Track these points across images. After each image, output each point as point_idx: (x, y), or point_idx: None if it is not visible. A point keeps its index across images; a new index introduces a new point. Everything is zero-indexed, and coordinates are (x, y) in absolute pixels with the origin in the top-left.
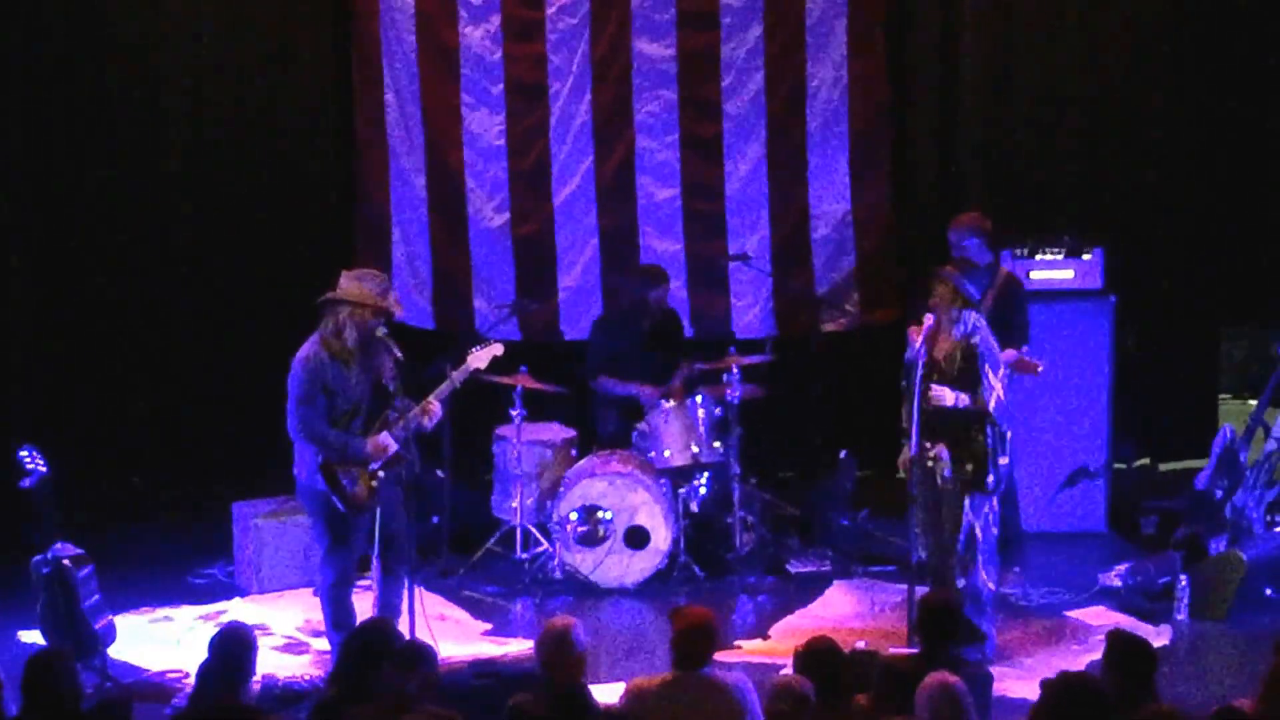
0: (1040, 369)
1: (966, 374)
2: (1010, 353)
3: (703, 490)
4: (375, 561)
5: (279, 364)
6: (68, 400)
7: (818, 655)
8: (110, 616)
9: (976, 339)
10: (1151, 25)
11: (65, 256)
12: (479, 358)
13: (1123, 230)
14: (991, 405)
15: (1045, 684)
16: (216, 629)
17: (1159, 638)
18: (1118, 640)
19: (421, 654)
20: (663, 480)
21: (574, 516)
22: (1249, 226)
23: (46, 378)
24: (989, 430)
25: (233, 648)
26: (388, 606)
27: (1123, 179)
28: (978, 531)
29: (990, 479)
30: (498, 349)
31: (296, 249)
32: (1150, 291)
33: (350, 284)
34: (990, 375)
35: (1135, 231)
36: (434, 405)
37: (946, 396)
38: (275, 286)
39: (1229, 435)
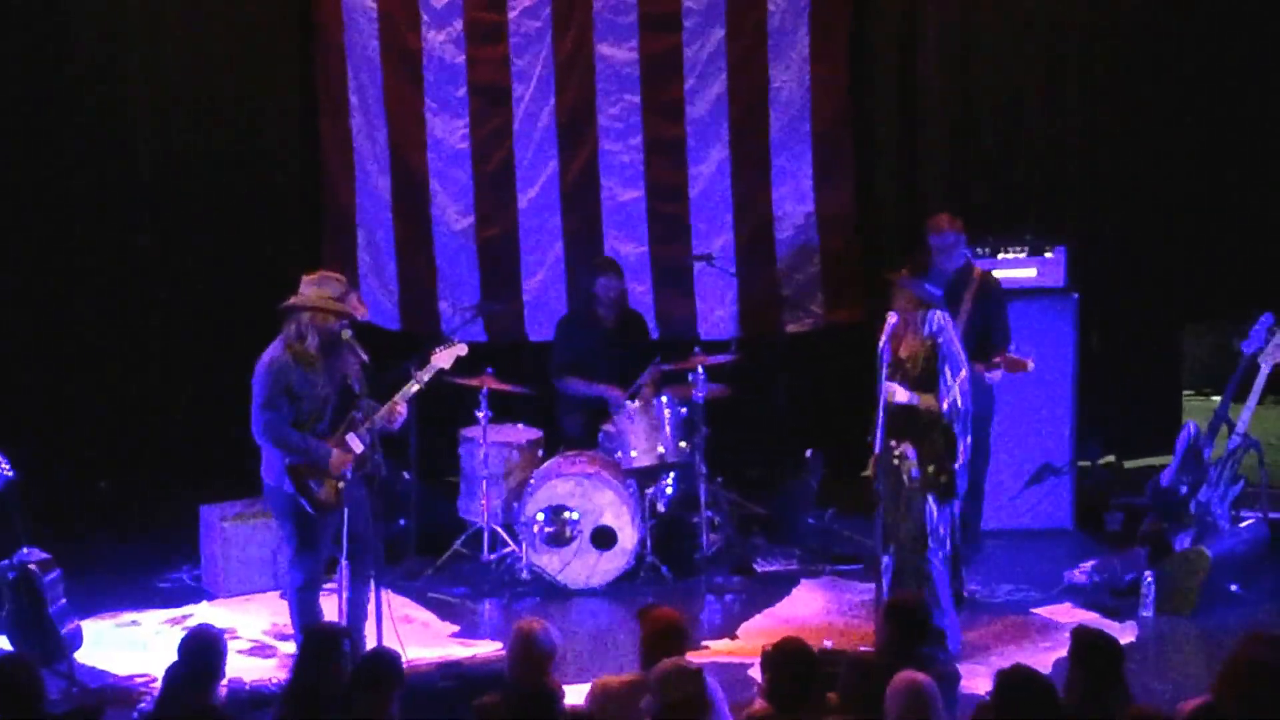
0: (1031, 366)
1: (928, 374)
2: (998, 360)
3: (669, 490)
4: (343, 563)
5: (245, 367)
6: (34, 405)
7: (788, 655)
8: (77, 621)
9: (941, 339)
10: (1112, 25)
11: (31, 262)
12: (443, 358)
13: (1085, 228)
14: (945, 406)
15: (1000, 674)
16: (185, 632)
17: (1125, 634)
18: (1083, 637)
19: (390, 671)
20: (629, 481)
21: (540, 517)
22: (1211, 224)
23: (13, 382)
24: (942, 431)
25: (202, 650)
26: (356, 608)
27: (1085, 177)
28: (939, 531)
29: (944, 480)
30: (462, 349)
31: (262, 252)
32: (1113, 289)
33: (309, 289)
34: (949, 376)
35: (1098, 229)
36: (400, 406)
37: (899, 393)
38: (240, 290)
39: (1193, 432)
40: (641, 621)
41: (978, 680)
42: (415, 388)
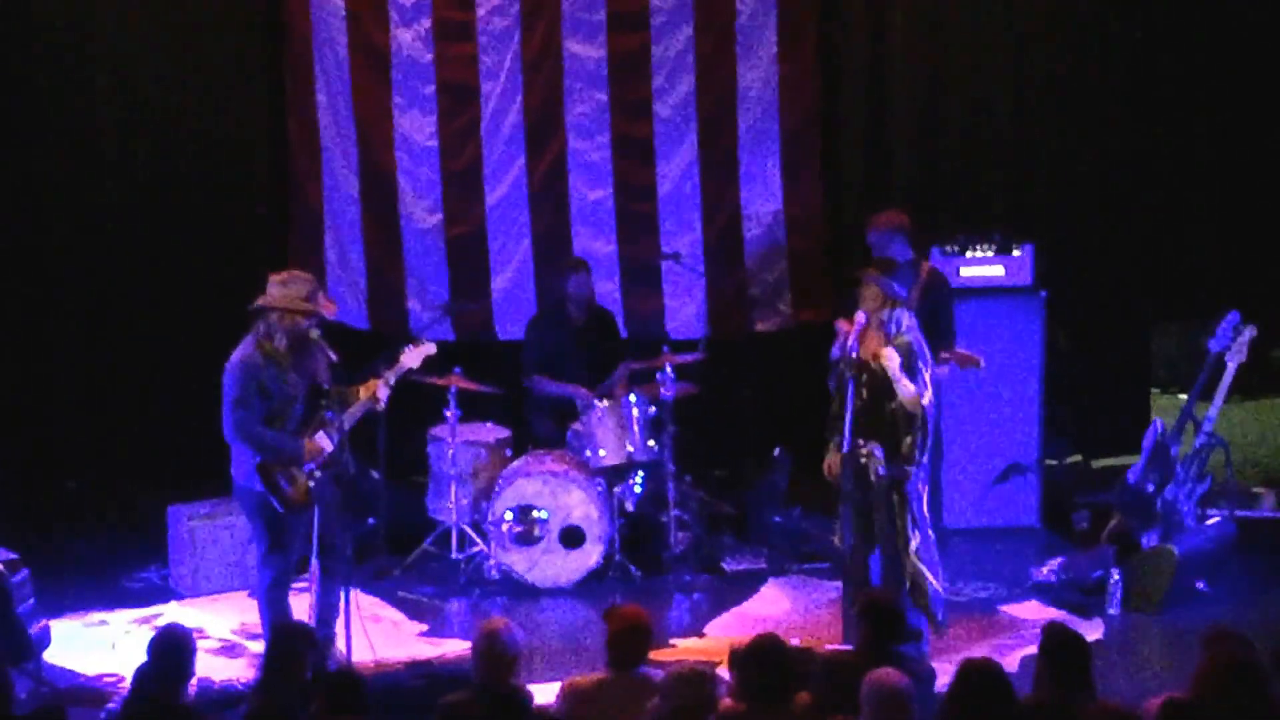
0: (982, 363)
1: (904, 372)
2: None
3: (638, 489)
4: (314, 562)
5: (214, 367)
6: (0, 404)
7: (760, 651)
8: (45, 621)
9: (909, 338)
10: (1079, 24)
11: None
12: (412, 356)
13: (1052, 226)
14: (926, 400)
15: (959, 667)
16: (154, 631)
17: (1092, 632)
18: (1054, 633)
19: (355, 697)
20: (598, 480)
21: (509, 516)
22: (1178, 222)
23: None
24: (915, 429)
25: (172, 650)
26: (326, 607)
27: (1052, 176)
28: (914, 529)
29: (911, 470)
30: (430, 348)
31: (230, 251)
32: (1080, 287)
33: (277, 289)
34: (924, 373)
35: (1065, 227)
36: (380, 391)
37: (894, 361)
38: (209, 289)
39: (1160, 430)
40: (608, 621)
41: (943, 678)
42: (385, 387)
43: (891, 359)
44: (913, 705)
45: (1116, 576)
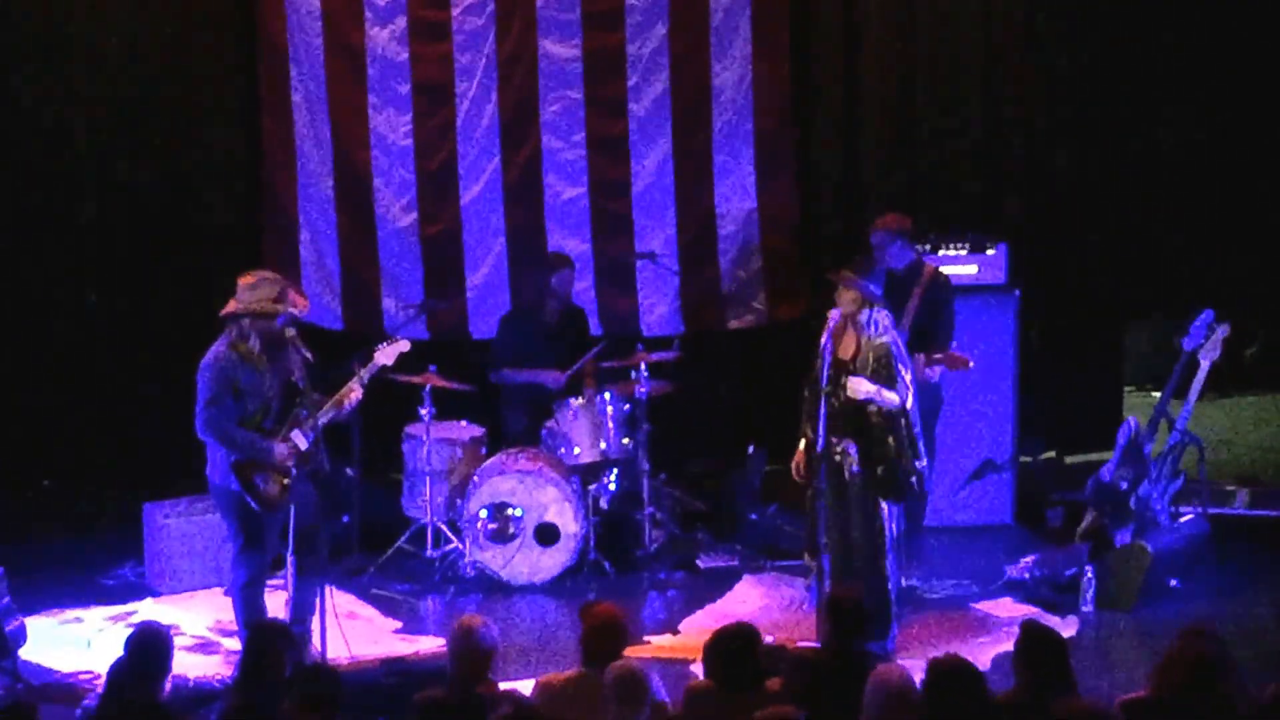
0: (971, 364)
1: (880, 374)
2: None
3: (612, 487)
4: (290, 559)
5: (190, 365)
6: None
7: (727, 640)
8: (21, 619)
9: (887, 338)
10: (1051, 23)
11: None
12: (386, 354)
13: (1026, 225)
14: (909, 403)
15: (930, 664)
16: (130, 629)
17: (1066, 629)
18: (1031, 630)
19: (329, 694)
20: (572, 477)
21: (484, 514)
22: (1150, 220)
23: None
24: (899, 432)
25: (149, 647)
26: (302, 605)
27: (1026, 174)
28: (886, 529)
29: (898, 481)
30: (404, 345)
31: (204, 250)
32: (1054, 286)
33: (246, 294)
34: (904, 375)
35: (1038, 226)
36: (354, 394)
37: (863, 387)
38: (184, 287)
39: (1133, 427)
40: (583, 618)
41: (916, 676)
42: (359, 384)
43: (858, 388)
44: (916, 701)
45: (1090, 574)
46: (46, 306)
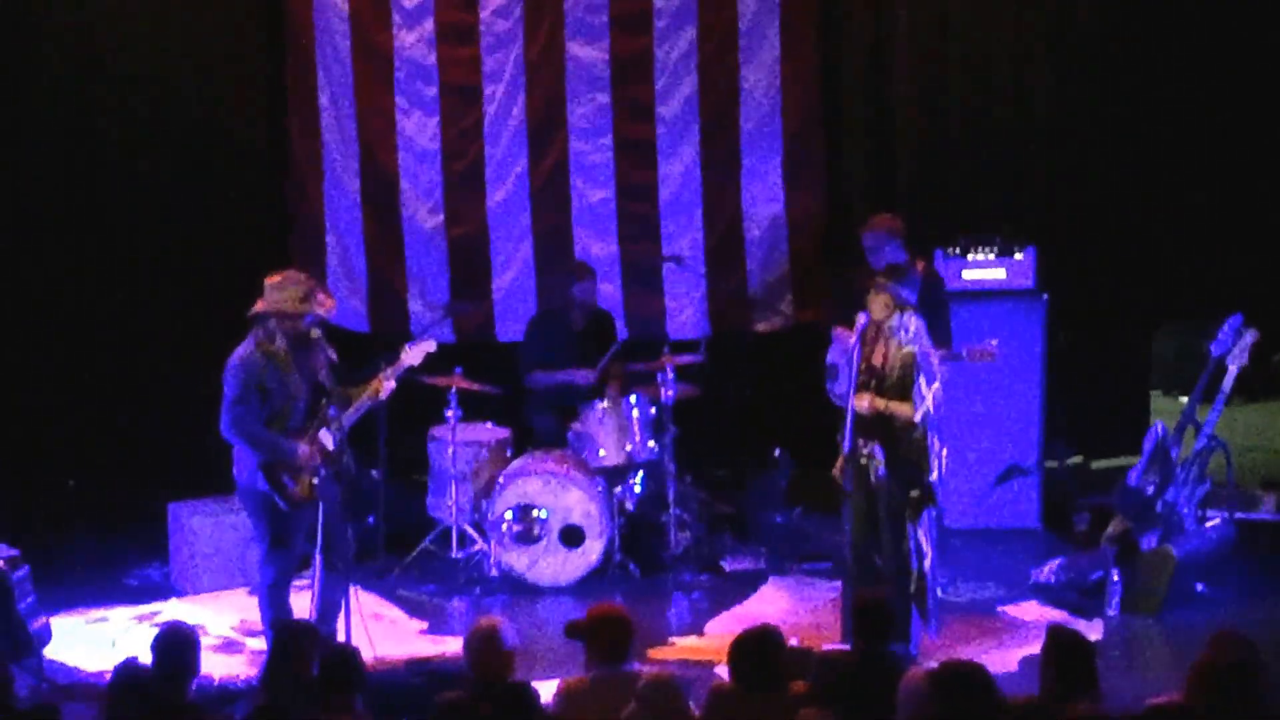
0: (995, 353)
1: (904, 382)
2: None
3: (638, 489)
4: (317, 558)
5: (216, 364)
6: (1, 402)
7: (753, 641)
8: (46, 618)
9: (915, 348)
10: (1083, 26)
11: None
12: (413, 354)
13: (1055, 229)
14: (918, 416)
15: (941, 666)
16: (155, 628)
17: (1091, 633)
18: (1058, 636)
19: (352, 671)
20: (598, 479)
21: (509, 516)
22: (1180, 225)
23: None
24: (915, 441)
25: (177, 646)
26: (329, 604)
27: (1055, 179)
28: (922, 536)
29: (917, 493)
30: (431, 345)
31: (232, 251)
32: (1082, 290)
33: (273, 294)
34: (923, 386)
35: (1067, 231)
36: (387, 383)
37: (866, 405)
38: (211, 287)
39: (1160, 432)
40: (585, 619)
41: None
42: (388, 385)
43: (862, 406)
44: None
45: (1116, 578)
46: (74, 306)
